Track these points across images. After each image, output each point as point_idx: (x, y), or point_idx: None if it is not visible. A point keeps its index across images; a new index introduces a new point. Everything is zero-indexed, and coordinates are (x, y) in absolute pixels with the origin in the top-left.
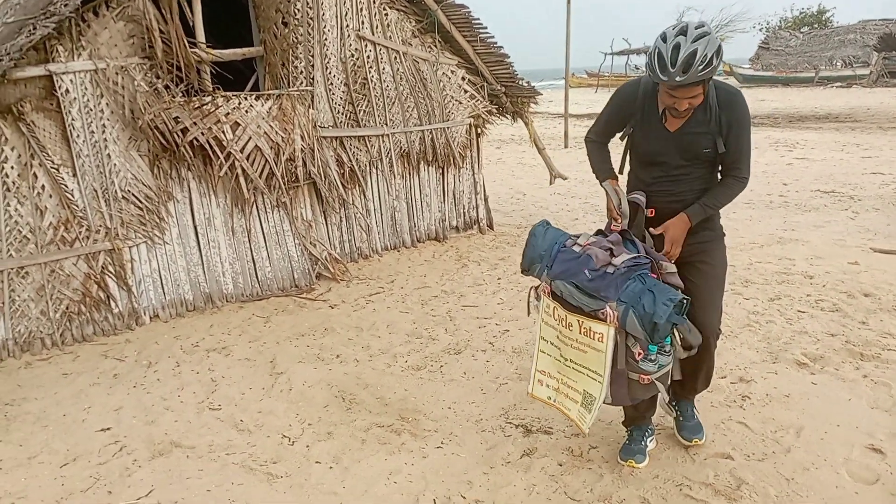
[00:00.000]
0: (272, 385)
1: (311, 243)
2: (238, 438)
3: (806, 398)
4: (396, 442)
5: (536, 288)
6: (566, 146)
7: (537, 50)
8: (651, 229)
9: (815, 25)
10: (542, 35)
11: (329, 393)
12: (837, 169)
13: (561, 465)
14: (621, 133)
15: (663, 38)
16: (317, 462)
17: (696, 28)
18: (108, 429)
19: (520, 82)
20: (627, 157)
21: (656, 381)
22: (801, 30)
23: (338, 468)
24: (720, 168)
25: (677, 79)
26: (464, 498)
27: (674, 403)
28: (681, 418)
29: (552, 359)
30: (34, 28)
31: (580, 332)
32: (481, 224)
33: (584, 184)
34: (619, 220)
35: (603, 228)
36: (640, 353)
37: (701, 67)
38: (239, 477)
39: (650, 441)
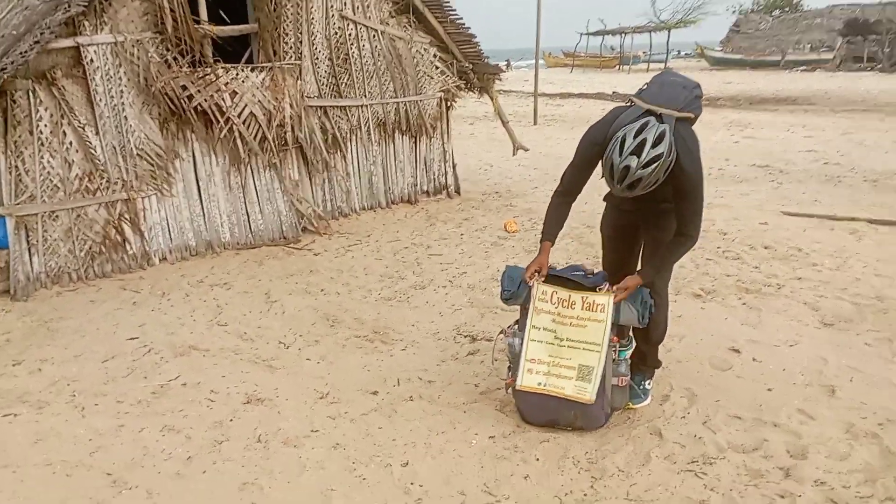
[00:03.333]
0: (268, 309)
1: (297, 200)
2: (243, 344)
3: (693, 318)
4: (370, 347)
5: (509, 327)
6: (535, 123)
7: (517, 30)
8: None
9: (787, 10)
10: (522, 15)
11: (316, 315)
12: (778, 147)
13: (496, 360)
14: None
15: (621, 147)
16: (307, 359)
17: (652, 147)
18: (136, 338)
19: (486, 60)
20: None
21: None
22: (773, 13)
23: (324, 363)
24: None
25: (622, 194)
26: (420, 379)
27: None
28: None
29: (544, 344)
30: (68, 6)
31: (582, 308)
32: (450, 189)
33: (548, 157)
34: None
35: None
36: (613, 339)
37: (643, 190)
38: (247, 368)
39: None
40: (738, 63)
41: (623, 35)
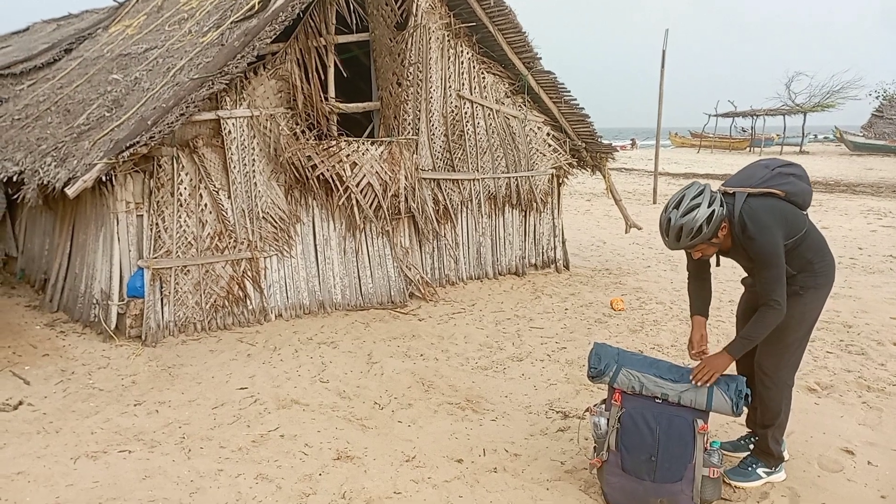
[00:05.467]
0: (368, 370)
1: (406, 267)
2: (341, 402)
3: (805, 413)
4: (461, 414)
5: (595, 405)
6: (654, 202)
7: (645, 110)
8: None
9: None
10: (651, 95)
11: (412, 379)
12: None
13: (587, 439)
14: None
15: (667, 206)
16: (399, 421)
17: (691, 199)
18: (245, 388)
19: (599, 139)
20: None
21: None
22: None
23: (414, 426)
24: None
25: (671, 246)
26: (506, 451)
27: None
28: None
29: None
30: (212, 84)
31: None
32: (558, 264)
33: None
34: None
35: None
36: (703, 426)
37: (688, 239)
38: (341, 425)
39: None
40: (881, 149)
41: (755, 117)
